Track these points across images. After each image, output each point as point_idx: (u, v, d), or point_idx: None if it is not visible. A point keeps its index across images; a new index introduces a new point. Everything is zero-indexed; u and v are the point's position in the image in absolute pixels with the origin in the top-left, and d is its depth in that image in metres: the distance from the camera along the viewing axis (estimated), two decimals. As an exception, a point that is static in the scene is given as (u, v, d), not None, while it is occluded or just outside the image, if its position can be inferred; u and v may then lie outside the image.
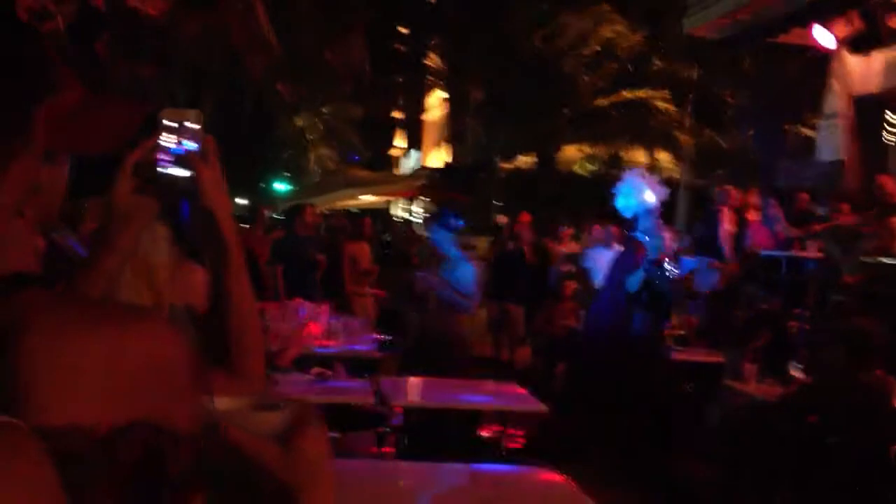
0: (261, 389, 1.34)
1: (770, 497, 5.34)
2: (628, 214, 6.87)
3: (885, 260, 6.94)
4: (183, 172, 1.27)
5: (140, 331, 1.04)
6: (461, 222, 6.67)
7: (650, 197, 6.65)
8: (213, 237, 1.29)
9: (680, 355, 7.10)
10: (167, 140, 1.27)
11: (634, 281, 6.58)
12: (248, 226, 10.61)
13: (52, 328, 0.90)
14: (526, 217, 11.39)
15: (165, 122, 1.28)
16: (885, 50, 8.44)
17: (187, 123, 1.28)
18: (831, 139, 9.10)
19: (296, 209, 9.85)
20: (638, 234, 6.69)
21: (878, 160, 9.09)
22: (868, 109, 8.98)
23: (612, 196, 7.29)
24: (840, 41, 8.58)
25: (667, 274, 6.71)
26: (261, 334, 1.39)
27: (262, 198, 37.56)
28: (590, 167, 23.71)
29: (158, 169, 1.27)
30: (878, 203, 7.38)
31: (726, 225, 9.00)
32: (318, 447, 1.11)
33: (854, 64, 8.85)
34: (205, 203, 1.27)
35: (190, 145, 1.28)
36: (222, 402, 1.18)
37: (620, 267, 6.71)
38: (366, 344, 6.46)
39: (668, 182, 7.82)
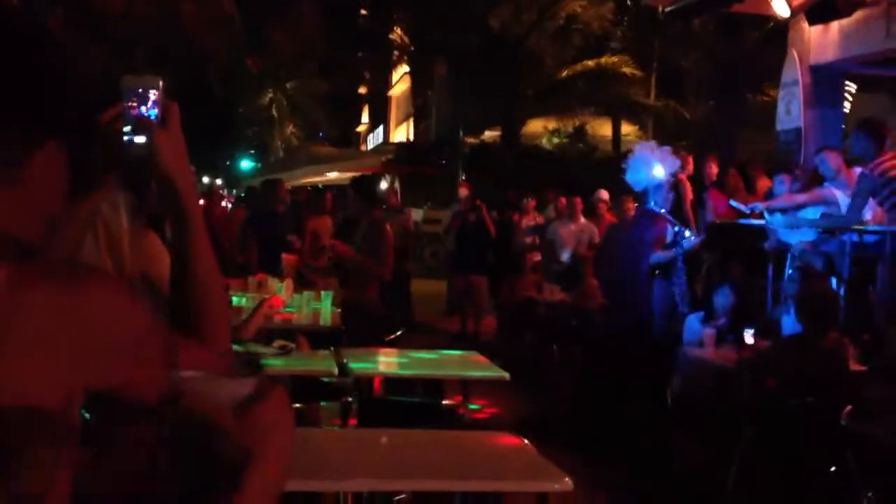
0: (228, 353, 1.34)
1: (730, 462, 5.44)
2: (638, 188, 6.84)
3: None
4: (143, 139, 1.27)
5: (96, 293, 1.03)
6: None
7: (660, 171, 6.65)
8: (172, 204, 1.28)
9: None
10: (129, 107, 1.27)
11: (668, 254, 6.59)
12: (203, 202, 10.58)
13: None
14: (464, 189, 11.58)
15: (127, 88, 1.28)
16: (841, 19, 8.51)
17: (148, 90, 1.28)
18: (789, 108, 9.19)
19: (268, 185, 9.85)
20: (653, 207, 6.68)
21: (835, 128, 9.21)
22: (825, 78, 9.07)
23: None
24: (797, 10, 8.65)
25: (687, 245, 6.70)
26: (224, 299, 1.39)
27: (228, 176, 37.32)
28: (555, 140, 23.79)
29: (122, 137, 1.27)
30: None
31: (690, 194, 9.12)
32: (272, 417, 1.12)
33: (811, 33, 8.93)
34: (163, 170, 1.26)
35: (151, 112, 1.28)
36: (186, 371, 1.18)
37: (643, 238, 6.66)
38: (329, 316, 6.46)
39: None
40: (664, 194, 6.70)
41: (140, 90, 1.28)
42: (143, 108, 1.27)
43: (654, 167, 6.65)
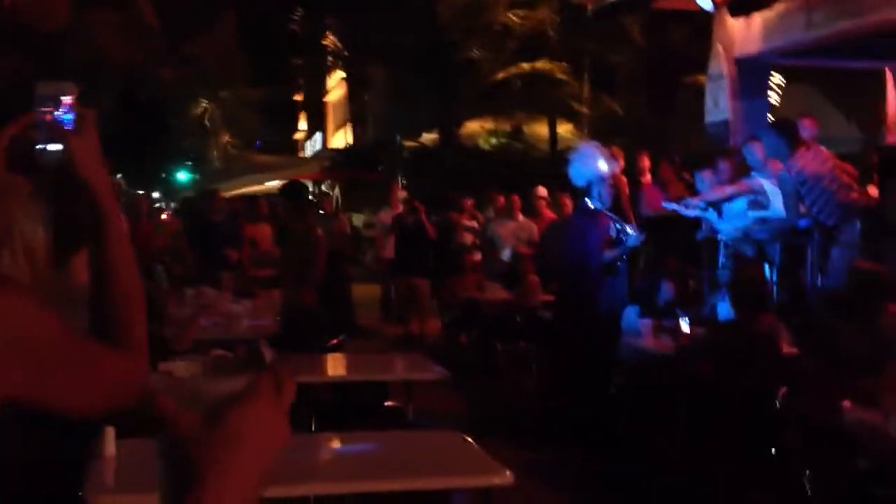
0: (144, 361, 1.34)
1: (668, 446, 5.55)
2: (581, 183, 6.95)
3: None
4: (57, 146, 1.25)
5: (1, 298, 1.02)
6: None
7: (603, 166, 6.78)
8: (89, 209, 1.28)
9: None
10: (42, 113, 1.26)
11: (618, 251, 6.69)
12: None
13: None
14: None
15: (40, 94, 1.27)
16: (763, 11, 8.73)
17: (62, 96, 1.27)
18: (716, 100, 9.39)
19: (206, 195, 9.80)
20: (593, 202, 6.78)
21: (761, 119, 9.43)
22: (750, 70, 9.28)
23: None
24: (720, 3, 8.84)
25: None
26: (143, 304, 1.38)
27: (165, 188, 36.81)
28: (493, 141, 23.91)
29: (36, 144, 1.26)
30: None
31: (626, 189, 9.32)
32: (247, 423, 1.00)
33: (734, 25, 9.13)
34: (79, 174, 1.25)
35: (65, 118, 1.27)
36: (179, 370, 1.18)
37: (588, 236, 6.75)
38: (270, 325, 6.43)
39: (567, 152, 7.99)
40: (606, 190, 6.83)
41: (55, 96, 1.27)
42: (58, 115, 1.26)
43: (598, 162, 6.78)
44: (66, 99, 1.27)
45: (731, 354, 5.08)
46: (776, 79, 10.38)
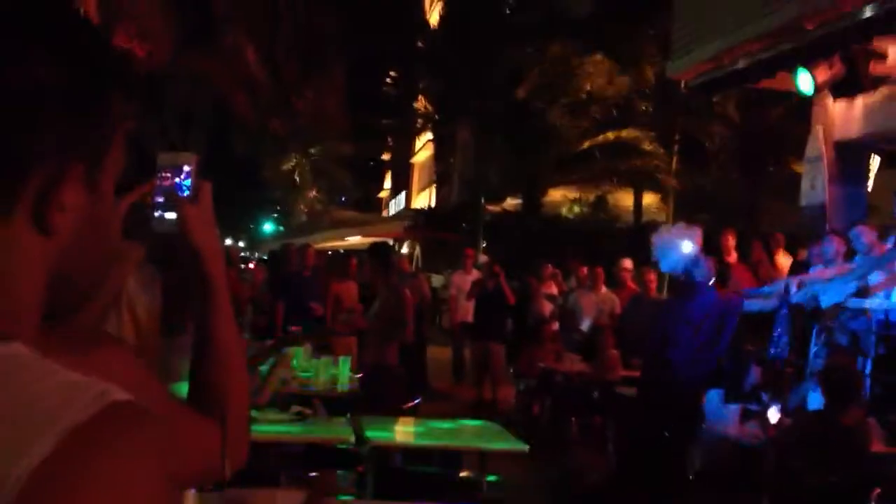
0: (244, 434, 1.31)
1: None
2: (679, 270, 6.84)
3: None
4: (173, 215, 1.25)
5: (108, 357, 0.99)
6: None
7: (688, 246, 6.67)
8: (199, 279, 1.26)
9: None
10: (162, 180, 1.27)
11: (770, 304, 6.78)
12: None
13: None
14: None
15: (162, 163, 1.28)
16: (865, 95, 8.54)
17: (183, 166, 1.28)
18: (813, 183, 9.18)
19: (296, 249, 9.97)
20: (697, 276, 6.69)
21: (860, 204, 9.16)
22: (849, 153, 9.06)
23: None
24: (821, 86, 8.68)
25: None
26: (245, 376, 1.36)
27: (250, 238, 37.61)
28: (576, 210, 23.84)
29: (153, 212, 1.26)
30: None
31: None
32: None
33: (835, 108, 8.95)
34: (192, 244, 1.25)
35: (184, 185, 1.27)
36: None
37: (726, 320, 6.65)
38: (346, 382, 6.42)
39: (652, 225, 7.92)
40: (704, 264, 6.69)
41: (176, 166, 1.27)
42: (176, 183, 1.26)
43: (682, 244, 6.66)
44: (187, 168, 1.27)
45: (819, 447, 4.87)
46: (873, 163, 10.12)
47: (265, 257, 31.14)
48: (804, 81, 8.65)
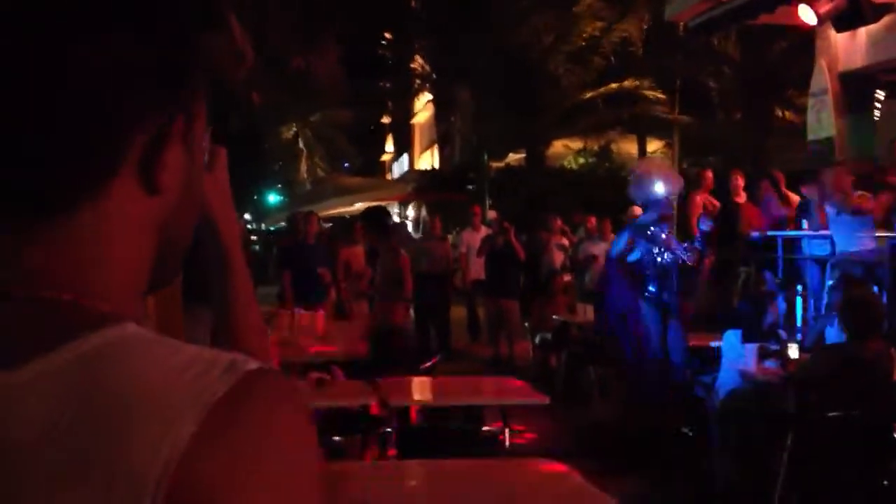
0: None
1: (775, 477, 5.31)
2: (640, 202, 7.11)
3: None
4: None
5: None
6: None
7: (660, 188, 6.81)
8: (215, 250, 1.22)
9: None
10: None
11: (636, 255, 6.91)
12: None
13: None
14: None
15: None
16: (868, 25, 8.41)
17: None
18: (819, 117, 9.08)
19: (300, 217, 9.95)
20: (644, 220, 6.93)
21: (865, 136, 9.08)
22: (854, 85, 8.96)
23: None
24: (823, 18, 8.54)
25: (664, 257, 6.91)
26: (268, 356, 1.32)
27: (256, 210, 37.61)
28: (580, 161, 23.72)
29: None
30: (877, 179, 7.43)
31: (698, 209, 9.27)
32: None
33: (838, 40, 8.83)
34: (207, 215, 1.20)
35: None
36: None
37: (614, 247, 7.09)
38: (364, 347, 6.43)
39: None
40: (660, 210, 6.88)
41: None
42: None
43: (656, 184, 6.82)
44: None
45: (840, 382, 4.86)
46: (877, 94, 10.00)
47: (272, 228, 31.18)
48: (806, 14, 8.52)
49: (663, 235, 6.91)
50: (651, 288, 6.97)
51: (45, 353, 0.66)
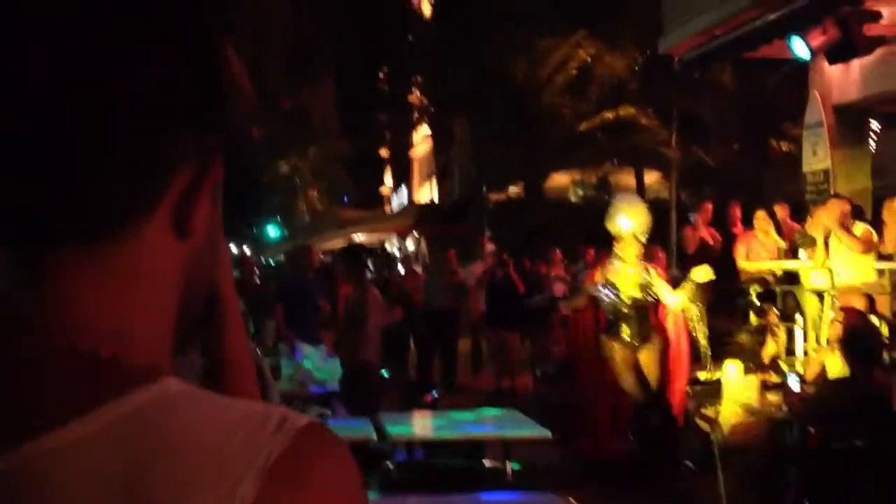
0: None
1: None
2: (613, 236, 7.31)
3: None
4: None
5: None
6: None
7: (622, 224, 7.03)
8: (208, 289, 1.20)
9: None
10: None
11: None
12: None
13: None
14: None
15: None
16: (861, 57, 8.48)
17: None
18: (815, 149, 9.14)
19: (299, 251, 9.97)
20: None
21: (861, 168, 9.13)
22: (849, 117, 9.02)
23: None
24: (817, 51, 8.62)
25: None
26: (257, 394, 1.29)
27: (256, 244, 37.64)
28: (580, 192, 23.79)
29: None
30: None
31: (693, 240, 9.38)
32: None
33: (832, 73, 8.91)
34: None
35: None
36: None
37: None
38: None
39: (656, 202, 8.00)
40: (622, 245, 7.08)
41: None
42: None
43: (618, 220, 7.02)
44: None
45: (845, 411, 4.85)
46: (873, 125, 10.07)
47: (272, 261, 31.19)
48: (799, 47, 8.60)
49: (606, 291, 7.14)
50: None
51: (84, 414, 0.64)
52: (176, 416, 0.65)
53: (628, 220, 7.04)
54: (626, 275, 7.02)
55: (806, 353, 7.06)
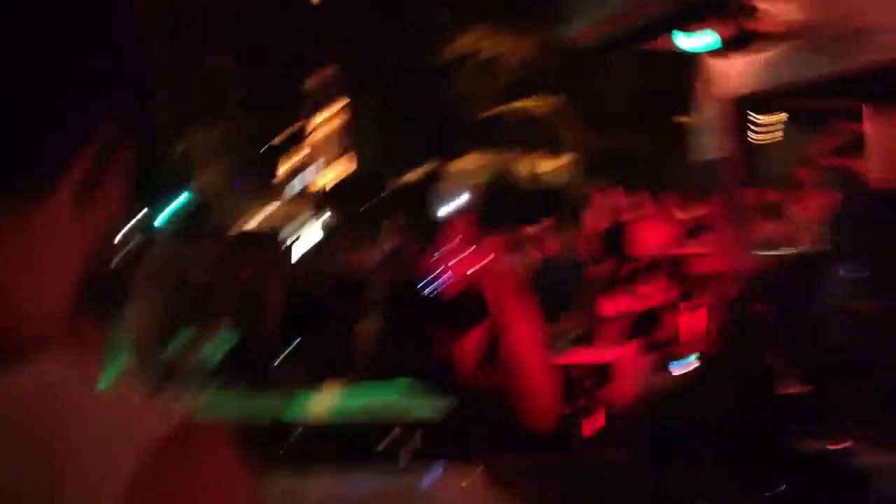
0: None
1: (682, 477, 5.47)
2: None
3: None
4: None
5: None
6: None
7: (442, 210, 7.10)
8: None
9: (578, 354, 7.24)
10: None
11: None
12: None
13: None
14: None
15: None
16: (752, 51, 8.79)
17: None
18: (703, 141, 9.46)
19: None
20: None
21: (746, 159, 9.47)
22: (737, 109, 9.32)
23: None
24: (703, 45, 8.89)
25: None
26: None
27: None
28: (482, 178, 23.98)
29: None
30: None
31: (589, 228, 9.61)
32: None
33: (718, 67, 9.19)
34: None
35: None
36: None
37: None
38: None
39: (555, 190, 8.12)
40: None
41: None
42: None
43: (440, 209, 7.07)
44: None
45: (723, 394, 5.06)
46: (762, 118, 10.48)
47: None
48: (685, 41, 8.84)
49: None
50: None
51: None
52: (58, 396, 0.64)
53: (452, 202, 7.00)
54: None
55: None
